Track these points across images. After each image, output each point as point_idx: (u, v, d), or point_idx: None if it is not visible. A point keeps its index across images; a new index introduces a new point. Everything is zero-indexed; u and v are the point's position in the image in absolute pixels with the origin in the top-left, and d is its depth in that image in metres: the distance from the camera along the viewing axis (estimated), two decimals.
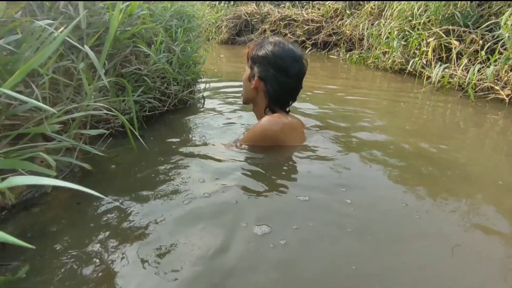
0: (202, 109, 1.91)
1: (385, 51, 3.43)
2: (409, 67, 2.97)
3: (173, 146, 1.37)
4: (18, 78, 0.67)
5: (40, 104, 0.63)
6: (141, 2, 1.38)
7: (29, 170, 0.82)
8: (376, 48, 3.65)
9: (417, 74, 2.89)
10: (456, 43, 2.64)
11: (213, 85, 2.45)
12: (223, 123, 1.67)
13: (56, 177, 1.04)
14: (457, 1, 2.77)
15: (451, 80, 2.53)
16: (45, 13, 1.05)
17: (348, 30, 4.52)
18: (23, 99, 0.64)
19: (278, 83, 1.31)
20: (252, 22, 5.95)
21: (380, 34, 3.59)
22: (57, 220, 0.90)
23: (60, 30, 0.87)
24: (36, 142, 1.06)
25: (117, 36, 1.28)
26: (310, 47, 5.00)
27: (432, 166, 1.26)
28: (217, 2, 6.39)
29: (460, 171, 1.25)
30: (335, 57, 4.59)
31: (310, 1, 5.41)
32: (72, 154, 1.11)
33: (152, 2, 1.66)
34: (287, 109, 1.42)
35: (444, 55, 2.78)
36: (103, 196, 0.49)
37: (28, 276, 0.70)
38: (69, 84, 1.10)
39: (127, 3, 1.25)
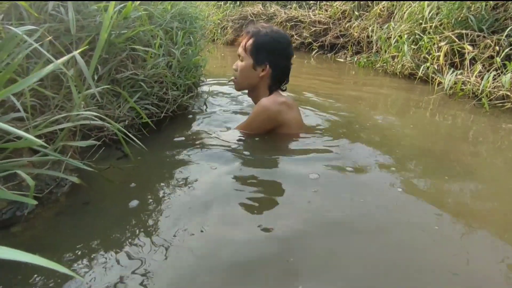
0: (203, 115, 1.84)
1: (394, 55, 3.32)
2: (419, 73, 2.86)
3: (169, 156, 1.30)
4: None
5: (6, 127, 0.56)
6: (137, 4, 1.31)
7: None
8: (385, 52, 3.54)
9: (429, 80, 2.78)
10: (470, 48, 2.52)
11: (216, 88, 2.38)
12: (225, 129, 1.60)
13: (41, 191, 0.98)
14: (471, 3, 2.66)
15: (464, 87, 2.42)
16: (33, 16, 0.98)
17: (356, 32, 4.41)
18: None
19: (280, 67, 1.46)
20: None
21: (390, 37, 3.48)
22: (38, 240, 0.83)
23: (47, 39, 0.80)
24: (22, 153, 0.99)
25: (111, 40, 1.21)
26: (317, 49, 4.90)
27: (440, 178, 1.18)
28: (223, 2, 6.32)
29: (470, 183, 1.16)
30: (342, 60, 4.49)
31: (318, 1, 5.31)
32: (60, 165, 1.04)
33: (152, 3, 1.58)
34: (284, 87, 1.56)
35: (457, 60, 2.67)
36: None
37: None
38: (57, 91, 1.03)
39: (122, 5, 1.18)
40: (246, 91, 1.61)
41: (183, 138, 1.48)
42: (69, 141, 1.01)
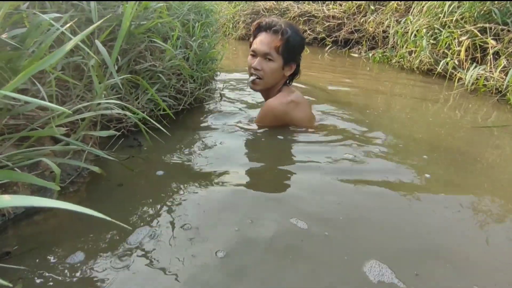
0: (219, 108, 1.82)
1: (412, 50, 3.24)
2: (439, 68, 2.78)
3: (187, 148, 1.29)
4: (20, 80, 0.59)
5: (45, 102, 0.55)
6: None
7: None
8: (402, 47, 3.46)
9: (448, 75, 2.70)
10: (493, 42, 2.44)
11: (230, 82, 2.36)
12: (240, 121, 1.58)
13: (63, 181, 0.98)
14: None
15: (486, 82, 2.34)
16: (55, 4, 0.98)
17: (372, 27, 4.32)
18: (25, 99, 0.56)
19: (299, 65, 1.49)
20: None
21: (407, 32, 3.39)
22: (60, 229, 0.83)
23: (68, 24, 0.80)
24: (44, 142, 1.00)
25: (131, 30, 1.20)
26: (331, 45, 4.83)
27: (459, 175, 1.13)
28: (236, 0, 6.28)
29: (491, 183, 1.11)
30: (357, 55, 4.41)
31: None
32: (81, 155, 1.05)
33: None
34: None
35: (478, 55, 2.58)
36: (106, 218, 0.40)
37: None
38: (78, 82, 1.03)
39: None
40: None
41: (200, 130, 1.48)
42: (90, 131, 1.01)
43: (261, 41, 1.40)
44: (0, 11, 0.62)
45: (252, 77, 1.45)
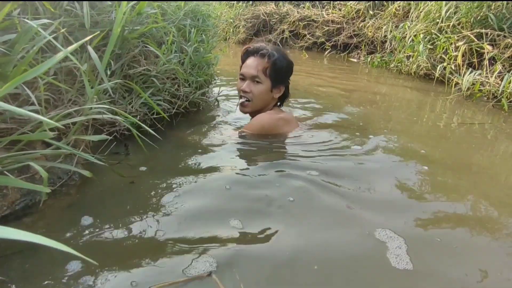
0: (214, 113, 1.84)
1: (410, 55, 3.25)
2: (436, 73, 2.79)
3: (179, 152, 1.30)
4: (9, 88, 0.60)
5: (27, 113, 0.56)
6: (152, 1, 1.31)
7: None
8: (399, 52, 3.47)
9: (446, 80, 2.71)
10: (489, 47, 2.44)
11: (228, 86, 2.37)
12: (234, 128, 1.60)
13: (53, 184, 0.99)
14: (491, 2, 2.58)
15: (482, 88, 2.34)
16: (48, 10, 0.99)
17: (370, 32, 4.34)
18: (11, 110, 0.57)
19: (288, 87, 1.54)
20: (271, 22, 5.84)
21: (405, 37, 3.41)
22: (50, 231, 0.84)
23: (60, 32, 0.81)
24: (35, 146, 1.01)
25: (125, 35, 1.21)
26: (330, 49, 4.85)
27: (457, 178, 1.14)
28: (235, 1, 6.32)
29: (484, 187, 1.11)
30: (356, 60, 4.42)
31: (332, 1, 5.25)
32: (72, 159, 1.06)
33: (166, 1, 1.59)
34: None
35: (475, 60, 2.59)
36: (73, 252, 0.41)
37: None
38: (71, 86, 1.04)
39: (135, 1, 1.18)
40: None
41: (194, 135, 1.49)
42: (81, 135, 1.02)
43: (249, 65, 1.44)
44: None
45: (241, 100, 1.47)
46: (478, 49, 2.57)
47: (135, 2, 1.21)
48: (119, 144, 1.27)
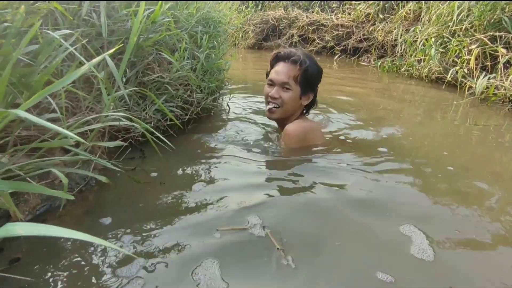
0: (226, 118, 1.85)
1: (421, 59, 3.22)
2: (448, 77, 2.75)
3: (194, 157, 1.31)
4: (34, 101, 0.61)
5: (50, 125, 0.58)
6: (165, 9, 1.34)
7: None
8: (410, 56, 3.44)
9: (458, 84, 2.67)
10: (504, 51, 2.40)
11: (238, 91, 2.39)
12: (247, 132, 1.60)
13: (71, 190, 1.02)
14: (506, 4, 2.54)
15: (497, 91, 2.30)
16: (68, 20, 1.02)
17: (381, 36, 4.32)
18: (36, 121, 0.59)
19: (316, 95, 1.49)
20: (280, 27, 5.87)
21: (416, 41, 3.38)
22: (67, 238, 0.86)
23: (79, 44, 0.83)
24: (54, 153, 1.04)
25: (139, 43, 1.24)
26: (339, 53, 4.84)
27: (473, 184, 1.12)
28: (244, 6, 6.38)
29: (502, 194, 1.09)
30: (366, 64, 4.40)
31: (341, 5, 5.24)
32: (89, 165, 1.08)
33: (178, 8, 1.62)
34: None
35: (488, 64, 2.55)
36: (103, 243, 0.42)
37: None
38: (88, 93, 1.07)
39: (150, 10, 1.21)
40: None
41: (207, 140, 1.50)
42: (98, 141, 1.04)
43: (279, 71, 1.39)
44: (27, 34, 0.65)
45: (269, 106, 1.43)
46: (492, 53, 2.53)
47: (150, 10, 1.24)
48: (133, 150, 1.29)
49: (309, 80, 1.40)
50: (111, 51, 0.73)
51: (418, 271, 0.76)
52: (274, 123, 1.64)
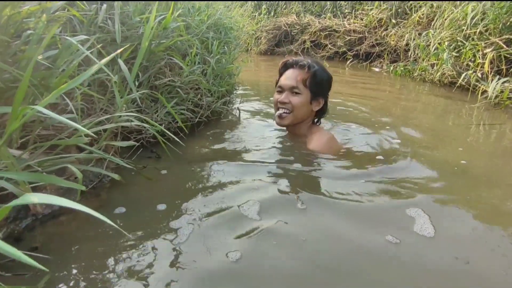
0: (236, 120, 1.89)
1: (434, 63, 3.18)
2: (460, 80, 2.71)
3: (204, 158, 1.35)
4: (51, 98, 0.67)
5: (66, 121, 0.63)
6: (176, 15, 1.40)
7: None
8: (423, 60, 3.41)
9: (471, 88, 2.63)
10: None
11: (249, 96, 2.43)
12: (256, 136, 1.63)
13: (85, 187, 1.07)
14: None
15: (511, 95, 2.25)
16: (84, 28, 1.09)
17: (393, 40, 4.29)
18: (54, 117, 0.64)
19: (327, 102, 1.49)
20: (292, 33, 5.92)
21: (429, 45, 3.35)
22: (82, 230, 0.91)
23: (94, 48, 0.90)
24: (70, 151, 1.10)
25: (152, 49, 1.30)
26: (351, 59, 4.83)
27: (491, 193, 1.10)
28: (257, 13, 6.47)
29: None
30: (378, 69, 4.38)
31: (354, 10, 5.25)
32: (102, 164, 1.14)
33: (190, 15, 1.68)
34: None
35: (503, 67, 2.50)
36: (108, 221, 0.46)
37: (48, 287, 0.70)
38: (102, 96, 1.13)
39: (162, 16, 1.27)
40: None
41: (216, 143, 1.54)
42: (111, 141, 1.10)
43: (288, 76, 1.40)
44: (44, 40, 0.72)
45: (279, 111, 1.41)
46: (508, 56, 2.48)
47: (162, 17, 1.30)
48: (145, 150, 1.35)
49: (318, 84, 1.39)
50: (119, 51, 0.78)
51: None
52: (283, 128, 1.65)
